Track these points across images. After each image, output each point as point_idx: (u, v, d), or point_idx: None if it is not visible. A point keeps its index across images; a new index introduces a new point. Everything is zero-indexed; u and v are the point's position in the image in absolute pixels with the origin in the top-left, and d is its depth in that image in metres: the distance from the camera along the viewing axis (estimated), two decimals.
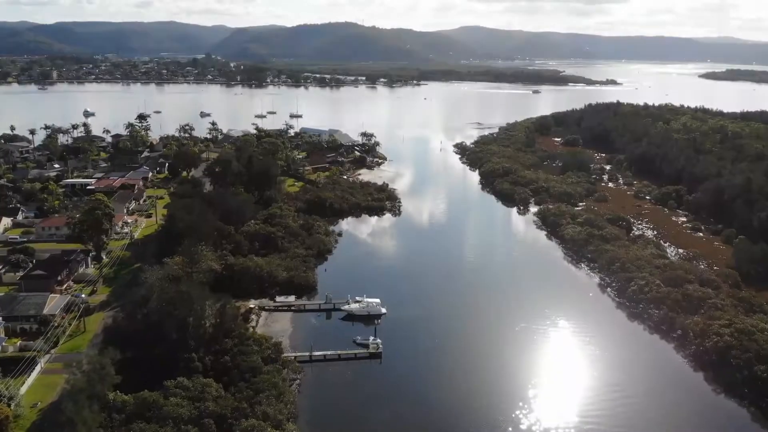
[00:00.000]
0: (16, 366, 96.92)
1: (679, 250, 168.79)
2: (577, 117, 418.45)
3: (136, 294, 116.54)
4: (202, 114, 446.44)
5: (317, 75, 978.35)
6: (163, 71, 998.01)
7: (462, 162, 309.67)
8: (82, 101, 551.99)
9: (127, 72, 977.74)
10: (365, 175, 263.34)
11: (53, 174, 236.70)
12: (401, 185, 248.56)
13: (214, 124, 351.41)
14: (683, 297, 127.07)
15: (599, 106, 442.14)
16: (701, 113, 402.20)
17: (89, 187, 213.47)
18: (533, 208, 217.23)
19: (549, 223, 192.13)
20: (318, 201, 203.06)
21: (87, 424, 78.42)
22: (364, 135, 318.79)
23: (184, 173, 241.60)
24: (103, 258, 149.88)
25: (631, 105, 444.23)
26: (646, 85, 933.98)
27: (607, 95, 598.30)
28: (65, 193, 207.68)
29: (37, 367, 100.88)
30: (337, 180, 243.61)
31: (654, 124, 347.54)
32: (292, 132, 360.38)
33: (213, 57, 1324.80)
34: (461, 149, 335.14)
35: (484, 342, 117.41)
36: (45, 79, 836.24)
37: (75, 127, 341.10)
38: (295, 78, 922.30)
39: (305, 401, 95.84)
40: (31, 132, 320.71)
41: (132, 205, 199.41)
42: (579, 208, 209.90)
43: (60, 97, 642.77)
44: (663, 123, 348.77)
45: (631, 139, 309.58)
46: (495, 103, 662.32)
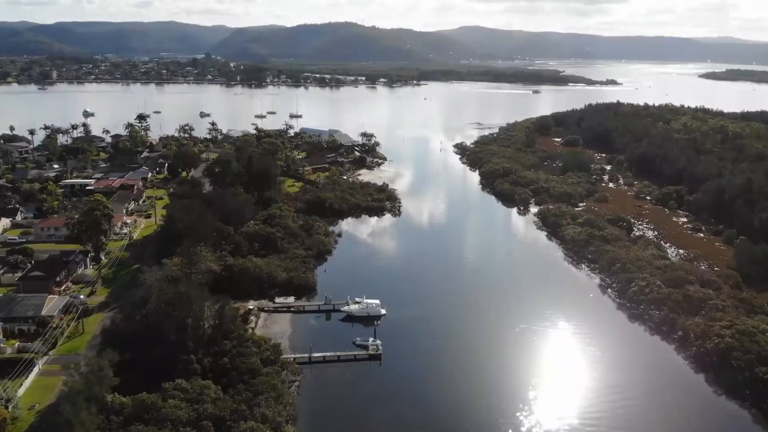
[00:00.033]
0: (14, 367, 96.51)
1: (680, 250, 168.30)
2: (578, 117, 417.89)
3: (134, 295, 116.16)
4: (201, 114, 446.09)
5: (317, 75, 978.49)
6: (163, 71, 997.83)
7: (462, 162, 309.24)
8: (81, 101, 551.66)
9: (127, 72, 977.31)
10: (365, 176, 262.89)
11: (52, 174, 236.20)
12: (401, 185, 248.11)
13: (213, 124, 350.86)
14: (684, 298, 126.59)
15: (599, 106, 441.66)
16: (701, 113, 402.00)
17: (88, 188, 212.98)
18: (533, 208, 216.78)
19: (549, 224, 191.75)
20: (318, 201, 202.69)
21: (85, 426, 78.09)
22: (364, 135, 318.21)
23: (183, 173, 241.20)
24: (102, 259, 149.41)
25: (632, 105, 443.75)
26: (646, 85, 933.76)
27: (607, 95, 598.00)
28: (64, 194, 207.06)
29: (35, 369, 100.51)
30: (337, 180, 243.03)
31: (654, 124, 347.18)
32: (291, 132, 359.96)
33: (213, 57, 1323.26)
34: (461, 149, 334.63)
35: (484, 343, 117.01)
36: (45, 79, 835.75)
37: (74, 128, 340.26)
38: (295, 78, 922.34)
39: (304, 403, 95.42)
40: (31, 132, 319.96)
41: (131, 206, 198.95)
42: (579, 208, 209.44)
43: (59, 97, 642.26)
44: (663, 123, 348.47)
45: (632, 140, 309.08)
46: (495, 103, 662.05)
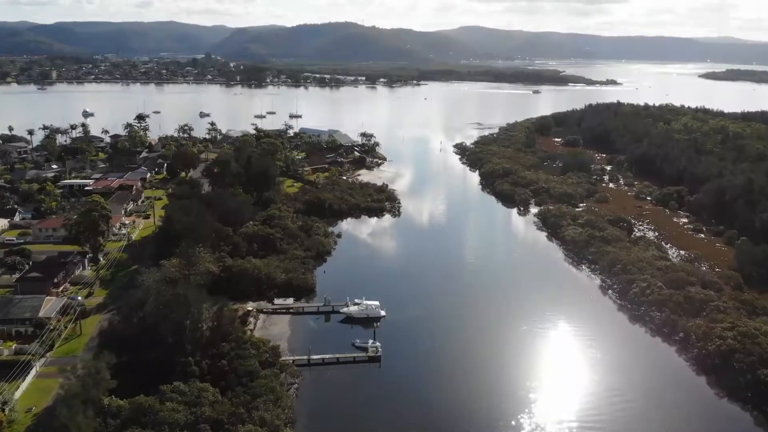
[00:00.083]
0: (11, 370, 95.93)
1: (681, 251, 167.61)
2: (578, 117, 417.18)
3: (132, 296, 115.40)
4: (201, 114, 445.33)
5: (317, 75, 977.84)
6: (163, 71, 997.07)
7: (462, 162, 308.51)
8: (81, 101, 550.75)
9: (127, 72, 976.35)
10: (365, 176, 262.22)
11: (51, 175, 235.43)
12: (401, 186, 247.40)
13: (213, 124, 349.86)
14: (685, 299, 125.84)
15: (599, 106, 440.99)
16: (702, 113, 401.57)
17: (87, 188, 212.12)
18: (533, 209, 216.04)
19: (549, 224, 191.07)
20: (317, 202, 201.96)
21: (81, 429, 77.41)
22: (363, 135, 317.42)
23: (182, 174, 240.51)
24: (100, 260, 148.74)
25: (632, 105, 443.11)
26: (646, 85, 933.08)
27: (608, 95, 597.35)
28: (63, 194, 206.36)
29: (32, 371, 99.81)
30: (337, 181, 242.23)
31: (655, 124, 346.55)
32: (291, 132, 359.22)
33: (213, 57, 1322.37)
34: (461, 149, 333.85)
35: (484, 344, 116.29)
36: (44, 79, 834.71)
37: (73, 128, 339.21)
38: (295, 78, 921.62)
39: (303, 406, 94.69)
40: (30, 132, 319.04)
41: (130, 206, 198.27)
42: (580, 209, 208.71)
43: (59, 98, 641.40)
44: (664, 123, 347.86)
45: (632, 140, 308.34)
46: (495, 103, 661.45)
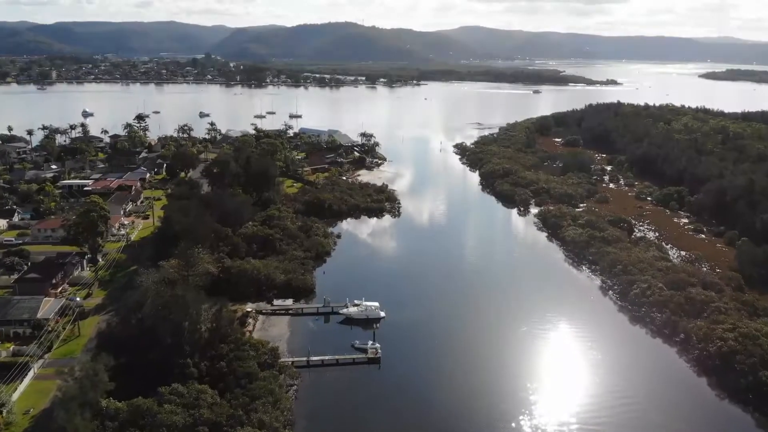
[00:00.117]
0: (8, 371, 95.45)
1: (681, 252, 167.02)
2: (578, 117, 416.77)
3: (131, 298, 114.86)
4: (201, 114, 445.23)
5: (317, 75, 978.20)
6: (163, 71, 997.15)
7: (462, 162, 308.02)
8: (80, 101, 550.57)
9: (127, 72, 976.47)
10: (365, 176, 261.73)
11: (50, 175, 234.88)
12: (401, 186, 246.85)
13: (212, 124, 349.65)
14: (686, 300, 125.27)
15: (600, 106, 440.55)
16: (702, 113, 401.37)
17: (86, 189, 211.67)
18: (534, 209, 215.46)
19: (550, 225, 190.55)
20: (317, 202, 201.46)
21: None
22: (363, 135, 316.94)
23: (182, 174, 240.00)
24: (99, 260, 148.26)
25: (632, 105, 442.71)
26: (646, 85, 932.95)
27: (608, 95, 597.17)
28: (62, 195, 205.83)
29: (30, 373, 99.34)
30: (336, 181, 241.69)
31: (655, 124, 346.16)
32: (291, 132, 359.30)
33: (213, 57, 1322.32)
34: (461, 150, 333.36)
35: (484, 346, 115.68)
36: (44, 79, 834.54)
37: (73, 128, 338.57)
38: (295, 78, 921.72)
39: (302, 408, 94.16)
40: (29, 132, 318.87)
41: (129, 207, 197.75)
42: (580, 209, 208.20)
43: (59, 98, 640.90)
44: (664, 123, 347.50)
45: (632, 140, 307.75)
46: (495, 103, 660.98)
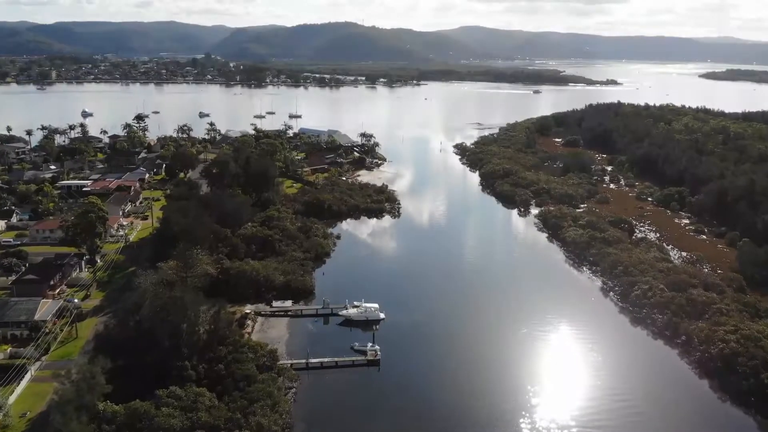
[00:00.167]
0: (5, 374, 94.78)
1: (682, 252, 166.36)
2: (578, 117, 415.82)
3: (129, 299, 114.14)
4: (200, 114, 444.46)
5: (317, 75, 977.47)
6: (163, 71, 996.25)
7: (462, 163, 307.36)
8: (80, 101, 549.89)
9: (126, 72, 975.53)
10: (364, 177, 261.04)
11: (49, 175, 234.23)
12: (401, 186, 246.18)
13: (212, 124, 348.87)
14: (687, 302, 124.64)
15: (600, 106, 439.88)
16: (703, 114, 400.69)
17: (85, 189, 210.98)
18: (534, 209, 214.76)
19: (550, 226, 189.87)
20: (316, 203, 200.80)
21: None
22: (363, 135, 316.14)
23: (181, 175, 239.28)
24: (98, 261, 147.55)
25: (632, 105, 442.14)
26: (646, 85, 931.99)
27: (608, 95, 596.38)
28: (61, 195, 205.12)
29: (27, 375, 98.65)
30: (336, 181, 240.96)
31: (655, 124, 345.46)
32: (291, 132, 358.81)
33: (212, 57, 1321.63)
34: (461, 150, 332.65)
35: (485, 348, 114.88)
36: (44, 79, 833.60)
37: (72, 128, 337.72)
38: (295, 78, 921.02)
39: (301, 410, 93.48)
40: (28, 133, 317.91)
41: (128, 207, 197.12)
42: (580, 210, 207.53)
43: (58, 98, 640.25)
44: (664, 123, 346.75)
45: (633, 140, 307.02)
46: (495, 104, 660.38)
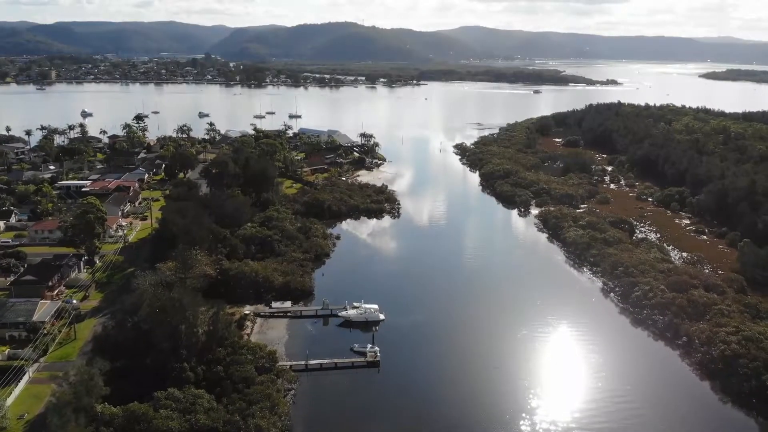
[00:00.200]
0: (3, 375, 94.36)
1: (683, 253, 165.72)
2: (578, 117, 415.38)
3: (127, 300, 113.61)
4: (200, 114, 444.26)
5: (317, 75, 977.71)
6: (162, 71, 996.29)
7: (462, 163, 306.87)
8: (80, 101, 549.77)
9: (126, 72, 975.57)
10: (364, 177, 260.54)
11: (48, 175, 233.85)
12: (400, 187, 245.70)
13: (211, 124, 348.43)
14: (688, 303, 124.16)
15: (600, 106, 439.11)
16: (703, 114, 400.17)
17: (84, 189, 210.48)
18: (534, 210, 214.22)
19: (550, 226, 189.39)
20: (316, 203, 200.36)
21: None
22: (363, 136, 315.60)
23: (180, 175, 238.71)
24: (96, 262, 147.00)
25: (633, 105, 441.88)
26: (646, 85, 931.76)
27: (608, 95, 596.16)
28: (60, 196, 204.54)
29: (25, 377, 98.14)
30: (336, 182, 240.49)
31: (656, 124, 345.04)
32: (290, 133, 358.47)
33: (212, 57, 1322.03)
34: (461, 150, 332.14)
35: (485, 349, 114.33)
36: (43, 79, 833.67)
37: (71, 128, 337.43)
38: (295, 78, 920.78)
39: (300, 412, 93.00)
40: (27, 133, 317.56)
41: (127, 208, 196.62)
42: (581, 210, 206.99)
43: (58, 98, 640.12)
44: (665, 124, 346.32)
45: (633, 140, 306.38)
46: (495, 104, 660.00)
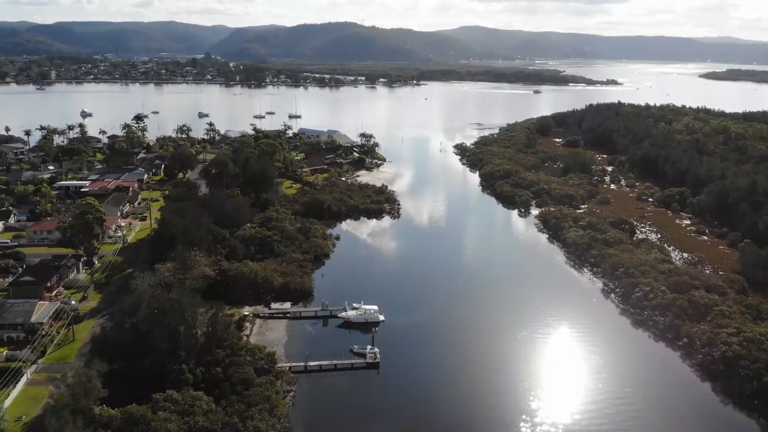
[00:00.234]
0: (1, 377, 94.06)
1: (684, 254, 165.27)
2: (578, 117, 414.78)
3: (126, 301, 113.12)
4: (200, 114, 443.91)
5: (317, 75, 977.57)
6: (162, 71, 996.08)
7: (462, 163, 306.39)
8: (79, 101, 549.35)
9: (126, 72, 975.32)
10: (364, 177, 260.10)
11: (47, 176, 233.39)
12: (400, 187, 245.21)
13: (211, 124, 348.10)
14: (689, 304, 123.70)
15: (600, 106, 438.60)
16: (703, 114, 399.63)
17: (83, 190, 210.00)
18: (534, 210, 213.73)
19: (551, 227, 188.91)
20: (316, 203, 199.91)
21: None
22: (363, 136, 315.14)
23: (180, 175, 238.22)
24: (95, 263, 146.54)
25: (633, 105, 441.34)
26: (646, 85, 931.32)
27: (608, 95, 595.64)
28: (59, 196, 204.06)
29: (23, 378, 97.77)
30: (336, 182, 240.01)
31: (656, 124, 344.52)
32: (290, 133, 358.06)
33: (212, 57, 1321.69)
34: (461, 150, 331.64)
35: (485, 350, 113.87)
36: (43, 79, 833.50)
37: (71, 128, 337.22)
38: (295, 78, 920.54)
39: (299, 414, 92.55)
40: (27, 133, 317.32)
41: (126, 208, 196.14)
42: (581, 210, 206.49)
43: (58, 98, 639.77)
44: (665, 124, 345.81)
45: (633, 140, 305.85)
46: (495, 104, 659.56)
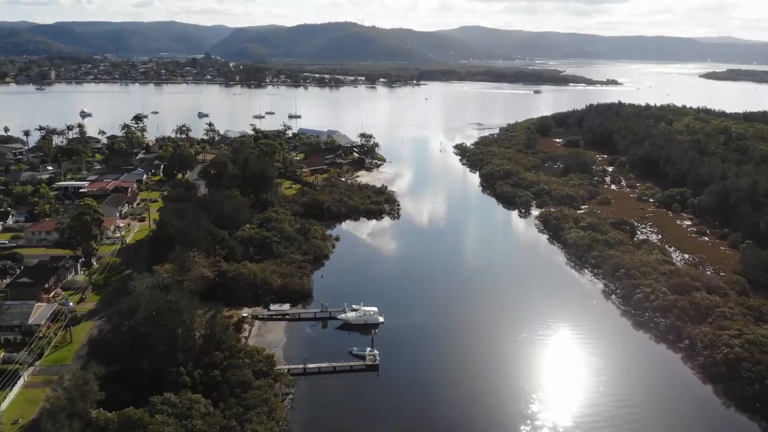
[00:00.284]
0: None
1: (685, 255, 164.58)
2: (579, 118, 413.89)
3: (124, 303, 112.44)
4: (200, 114, 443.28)
5: (316, 75, 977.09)
6: (162, 71, 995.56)
7: (462, 163, 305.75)
8: (79, 102, 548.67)
9: (126, 72, 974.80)
10: (364, 177, 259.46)
11: (46, 176, 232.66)
12: (400, 187, 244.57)
13: (211, 125, 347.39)
14: (690, 305, 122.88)
15: (601, 106, 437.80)
16: (704, 114, 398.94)
17: (82, 190, 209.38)
18: (534, 211, 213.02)
19: (551, 227, 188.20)
20: (315, 204, 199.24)
21: None
22: (363, 136, 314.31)
23: (179, 176, 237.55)
24: (93, 264, 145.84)
25: (633, 105, 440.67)
26: (646, 85, 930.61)
27: (608, 95, 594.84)
28: (57, 196, 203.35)
29: (20, 381, 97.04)
30: (335, 182, 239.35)
31: (656, 124, 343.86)
32: (290, 133, 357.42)
33: (212, 57, 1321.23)
34: (461, 150, 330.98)
35: (485, 352, 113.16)
36: (43, 80, 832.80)
37: (70, 128, 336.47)
38: (295, 78, 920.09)
39: (298, 417, 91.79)
40: (26, 133, 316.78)
41: (125, 209, 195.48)
42: (581, 211, 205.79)
43: (57, 98, 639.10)
44: (665, 124, 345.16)
45: (634, 141, 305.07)
46: (495, 104, 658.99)
